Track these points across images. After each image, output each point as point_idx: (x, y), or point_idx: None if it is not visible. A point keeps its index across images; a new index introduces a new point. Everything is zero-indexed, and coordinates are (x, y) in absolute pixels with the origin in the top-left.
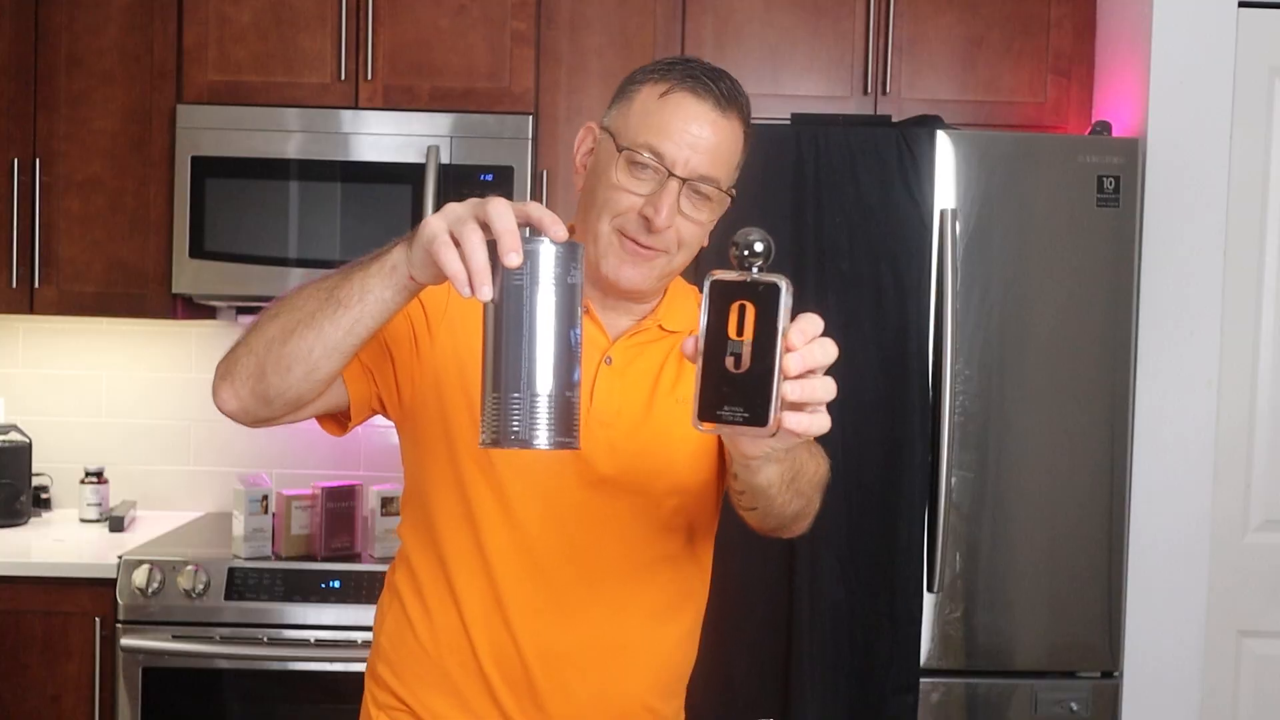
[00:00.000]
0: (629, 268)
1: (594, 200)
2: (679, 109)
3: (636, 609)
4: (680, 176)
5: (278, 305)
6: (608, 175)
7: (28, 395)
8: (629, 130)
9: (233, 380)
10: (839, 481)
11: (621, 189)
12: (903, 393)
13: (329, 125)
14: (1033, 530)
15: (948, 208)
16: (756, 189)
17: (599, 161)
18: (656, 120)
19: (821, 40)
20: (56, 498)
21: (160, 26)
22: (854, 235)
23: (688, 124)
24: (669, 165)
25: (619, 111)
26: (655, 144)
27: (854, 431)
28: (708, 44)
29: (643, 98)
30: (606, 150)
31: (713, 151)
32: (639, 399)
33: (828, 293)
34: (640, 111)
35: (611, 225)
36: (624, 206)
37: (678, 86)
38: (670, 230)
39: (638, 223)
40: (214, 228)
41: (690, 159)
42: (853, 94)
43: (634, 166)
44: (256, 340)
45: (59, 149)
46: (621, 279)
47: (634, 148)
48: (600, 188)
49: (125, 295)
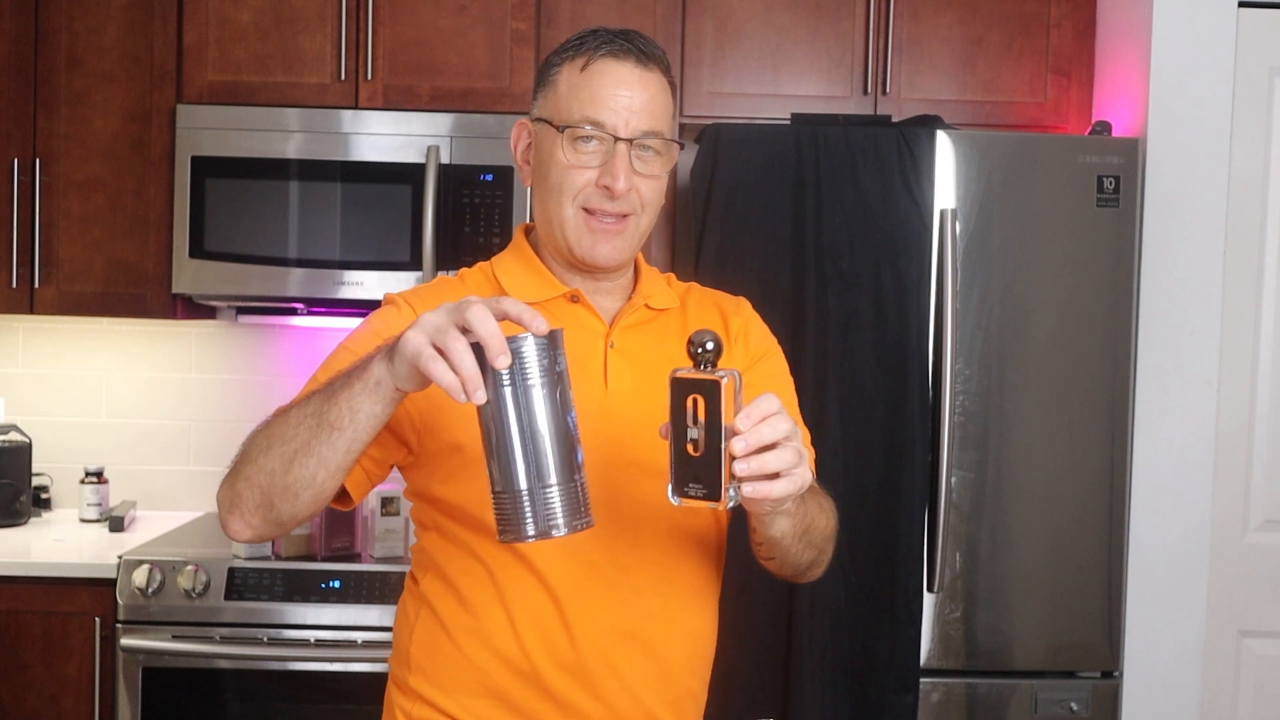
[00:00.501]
0: (604, 244)
1: (549, 187)
2: (604, 75)
3: (680, 586)
4: (625, 139)
5: (266, 433)
6: (555, 158)
7: (28, 395)
8: (562, 111)
9: (242, 513)
10: (839, 481)
11: (573, 167)
12: (902, 393)
13: (329, 125)
14: (1033, 530)
15: (948, 208)
16: (756, 189)
17: (542, 150)
18: (586, 93)
19: (821, 40)
20: (56, 498)
21: (160, 26)
22: (854, 235)
23: (617, 88)
24: (611, 131)
25: (546, 98)
26: (592, 115)
27: (854, 432)
28: (708, 44)
29: (565, 77)
30: (547, 137)
31: (648, 107)
32: (650, 379)
33: (828, 293)
34: (568, 90)
35: (574, 205)
36: (581, 183)
37: (595, 55)
38: (631, 192)
39: (599, 194)
40: (214, 228)
41: (630, 119)
42: (852, 94)
43: (578, 142)
44: (255, 473)
45: (59, 149)
46: (599, 257)
47: (573, 124)
48: (552, 173)
49: (125, 295)
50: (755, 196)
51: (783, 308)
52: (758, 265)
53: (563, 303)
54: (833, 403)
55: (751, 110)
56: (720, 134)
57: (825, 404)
